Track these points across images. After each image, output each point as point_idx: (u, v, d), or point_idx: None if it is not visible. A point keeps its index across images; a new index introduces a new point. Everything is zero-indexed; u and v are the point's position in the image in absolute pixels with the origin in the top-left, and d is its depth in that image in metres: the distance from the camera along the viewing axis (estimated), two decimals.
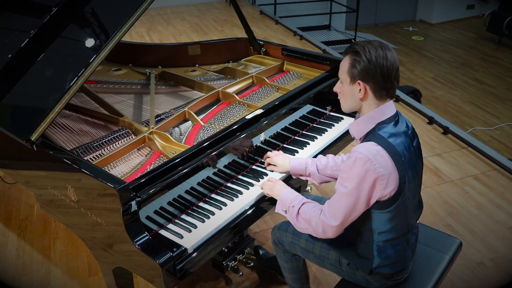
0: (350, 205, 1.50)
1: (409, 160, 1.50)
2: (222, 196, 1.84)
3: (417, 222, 1.74)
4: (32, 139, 1.70)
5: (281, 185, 1.79)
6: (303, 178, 1.97)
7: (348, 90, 1.54)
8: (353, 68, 1.48)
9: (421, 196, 1.69)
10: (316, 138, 2.23)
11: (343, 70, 1.53)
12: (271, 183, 1.82)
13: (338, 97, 1.63)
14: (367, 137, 1.53)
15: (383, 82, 1.48)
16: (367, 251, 1.62)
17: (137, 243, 1.51)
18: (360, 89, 1.50)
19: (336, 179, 1.86)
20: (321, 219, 1.57)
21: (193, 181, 1.77)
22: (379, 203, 1.51)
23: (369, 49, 1.46)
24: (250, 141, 1.97)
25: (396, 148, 1.47)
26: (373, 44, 1.48)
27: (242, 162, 1.96)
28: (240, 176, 1.95)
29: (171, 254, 1.50)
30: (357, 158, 1.46)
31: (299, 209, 1.66)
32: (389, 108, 1.54)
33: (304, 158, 1.96)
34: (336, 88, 1.61)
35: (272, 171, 1.97)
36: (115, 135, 2.05)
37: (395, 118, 1.54)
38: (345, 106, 1.60)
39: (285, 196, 1.73)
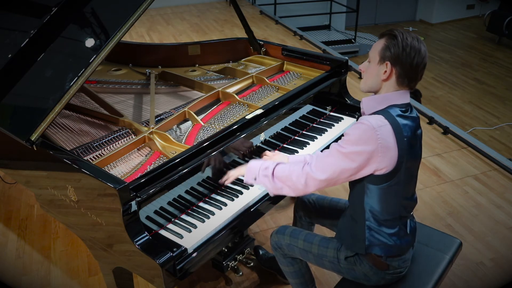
0: (342, 166, 1.54)
1: (410, 142, 1.54)
2: (222, 196, 1.84)
3: (412, 213, 1.75)
4: (32, 139, 1.70)
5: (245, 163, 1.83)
6: None
7: (373, 70, 1.58)
8: (386, 50, 1.53)
9: (415, 191, 1.71)
10: (316, 138, 2.23)
11: (376, 50, 1.57)
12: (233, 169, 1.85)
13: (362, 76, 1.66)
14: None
15: (409, 71, 1.53)
16: (359, 230, 1.64)
17: (137, 243, 1.51)
18: (385, 71, 1.54)
19: None
20: (305, 171, 1.60)
21: (193, 181, 1.77)
22: (373, 177, 1.54)
23: (407, 37, 1.52)
24: (250, 141, 1.97)
25: (401, 127, 1.51)
26: (411, 34, 1.54)
27: (242, 162, 1.96)
28: (240, 176, 1.95)
29: (171, 254, 1.50)
30: (363, 124, 1.50)
31: (274, 168, 1.68)
32: (405, 96, 1.59)
33: (303, 155, 1.96)
34: (361, 67, 1.65)
35: None
36: (115, 135, 2.05)
37: (407, 107, 1.59)
38: (365, 85, 1.63)
39: (253, 164, 1.75)
